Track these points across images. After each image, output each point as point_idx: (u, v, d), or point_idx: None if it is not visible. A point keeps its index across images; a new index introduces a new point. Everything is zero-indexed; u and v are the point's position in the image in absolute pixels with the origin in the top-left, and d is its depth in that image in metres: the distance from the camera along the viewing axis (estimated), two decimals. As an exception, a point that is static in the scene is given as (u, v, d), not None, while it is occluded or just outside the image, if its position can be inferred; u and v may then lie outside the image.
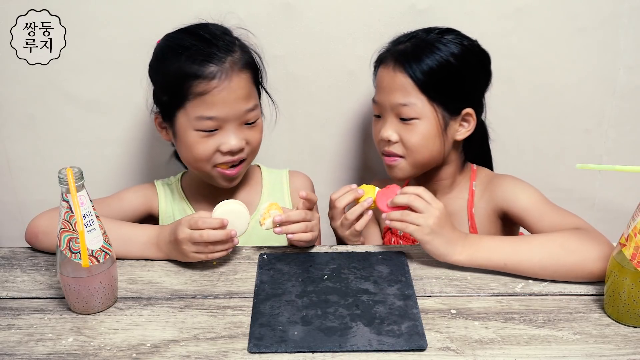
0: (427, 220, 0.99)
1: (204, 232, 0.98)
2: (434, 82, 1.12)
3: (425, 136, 1.14)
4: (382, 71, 1.18)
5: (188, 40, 1.09)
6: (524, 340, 0.85)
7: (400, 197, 1.02)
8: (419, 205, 1.00)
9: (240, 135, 1.11)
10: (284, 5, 1.32)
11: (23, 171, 1.46)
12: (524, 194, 1.13)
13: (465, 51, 1.14)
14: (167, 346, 0.85)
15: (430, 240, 0.99)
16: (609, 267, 0.89)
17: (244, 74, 1.10)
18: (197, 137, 1.09)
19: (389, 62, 1.16)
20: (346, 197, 1.09)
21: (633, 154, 1.47)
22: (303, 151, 1.46)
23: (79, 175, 0.86)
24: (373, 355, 0.83)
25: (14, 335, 0.87)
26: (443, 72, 1.13)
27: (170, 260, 1.05)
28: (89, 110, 1.40)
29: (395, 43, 1.19)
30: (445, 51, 1.13)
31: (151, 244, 1.05)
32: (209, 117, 1.07)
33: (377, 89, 1.20)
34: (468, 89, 1.17)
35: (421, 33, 1.18)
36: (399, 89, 1.14)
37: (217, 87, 1.06)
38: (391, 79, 1.15)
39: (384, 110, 1.17)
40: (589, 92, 1.41)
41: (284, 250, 1.08)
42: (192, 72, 1.06)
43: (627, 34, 1.35)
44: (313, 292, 0.95)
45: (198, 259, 1.01)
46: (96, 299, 0.91)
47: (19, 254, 1.08)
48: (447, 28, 1.18)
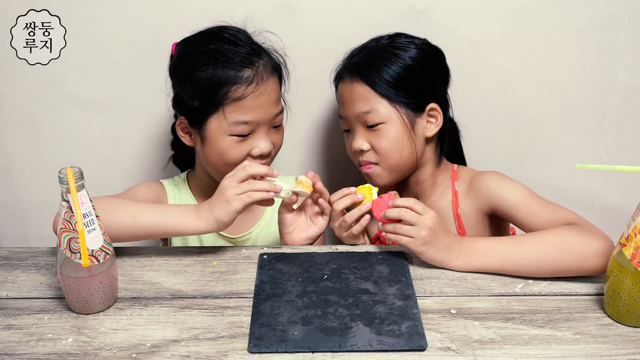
0: (419, 232, 0.99)
1: (247, 166, 1.00)
2: (393, 84, 1.15)
3: (394, 138, 1.16)
4: (341, 86, 1.21)
5: (216, 44, 1.09)
6: (524, 340, 0.85)
7: (391, 211, 1.03)
8: (410, 218, 1.00)
9: (269, 138, 1.13)
10: (284, 5, 1.32)
11: (23, 171, 1.46)
12: (511, 190, 1.12)
13: (418, 51, 1.17)
14: (167, 346, 0.85)
15: (424, 251, 1.00)
16: (609, 267, 0.89)
17: (273, 78, 1.13)
18: (231, 142, 1.10)
19: (345, 76, 1.20)
20: (344, 201, 1.09)
21: (633, 154, 1.47)
22: (303, 151, 1.46)
23: (79, 175, 0.86)
24: (373, 355, 0.83)
25: (14, 335, 0.87)
26: (400, 74, 1.15)
27: (171, 260, 1.05)
28: (89, 110, 1.40)
29: (349, 58, 1.23)
30: (398, 54, 1.16)
31: (190, 211, 1.02)
32: (245, 121, 1.09)
33: (341, 105, 1.23)
34: (427, 85, 1.18)
35: (371, 42, 1.21)
36: (359, 99, 1.16)
37: (254, 91, 1.08)
38: (350, 91, 1.18)
39: (351, 123, 1.20)
40: (589, 92, 1.41)
41: (284, 250, 1.08)
42: (228, 77, 1.07)
43: (627, 34, 1.35)
44: (313, 292, 0.95)
45: (241, 203, 0.98)
46: (96, 299, 0.91)
47: (19, 254, 1.08)
48: (395, 33, 1.21)
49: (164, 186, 1.25)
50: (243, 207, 0.99)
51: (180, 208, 1.04)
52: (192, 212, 1.02)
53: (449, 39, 1.27)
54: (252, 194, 0.99)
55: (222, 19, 1.17)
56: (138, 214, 1.00)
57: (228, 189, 0.99)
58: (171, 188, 1.25)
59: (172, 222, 1.02)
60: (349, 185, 1.52)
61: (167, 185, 1.25)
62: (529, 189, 1.12)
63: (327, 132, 1.45)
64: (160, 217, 1.02)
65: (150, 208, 1.03)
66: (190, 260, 1.06)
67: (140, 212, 1.01)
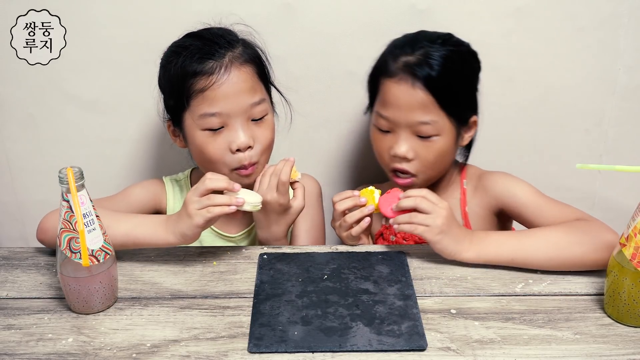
0: (435, 220, 0.99)
1: (207, 179, 0.98)
2: (452, 95, 1.10)
3: (442, 152, 1.13)
4: (395, 86, 1.10)
5: (189, 41, 1.10)
6: (524, 340, 0.85)
7: (406, 201, 1.02)
8: (426, 206, 1.00)
9: (247, 132, 1.09)
10: (284, 5, 1.32)
11: (23, 171, 1.46)
12: (520, 189, 1.13)
13: (469, 57, 1.14)
14: (167, 346, 0.85)
15: (440, 240, 0.99)
16: (609, 267, 0.89)
17: (245, 68, 1.09)
18: (205, 137, 1.09)
19: (403, 77, 1.10)
20: (346, 203, 1.09)
21: (633, 154, 1.47)
22: (303, 151, 1.46)
23: (79, 175, 0.86)
24: (373, 355, 0.83)
25: (14, 335, 0.87)
26: (459, 83, 1.11)
27: (171, 260, 1.05)
28: (89, 110, 1.40)
29: (400, 52, 1.12)
30: (457, 62, 1.11)
31: (159, 223, 1.02)
32: (212, 113, 1.07)
33: (389, 104, 1.12)
34: (474, 95, 1.16)
35: (426, 42, 1.11)
36: (419, 107, 1.09)
37: (217, 81, 1.06)
38: (409, 96, 1.09)
39: (396, 127, 1.12)
40: (589, 92, 1.41)
41: (284, 250, 1.08)
42: (191, 69, 1.06)
43: (627, 34, 1.35)
44: (313, 292, 0.95)
45: (202, 218, 0.96)
46: (96, 298, 0.91)
47: (19, 254, 1.08)
48: (446, 33, 1.16)
49: (164, 184, 1.25)
50: (205, 222, 0.97)
51: (153, 220, 1.03)
52: (161, 225, 1.01)
53: (449, 39, 1.27)
54: (212, 208, 0.97)
55: (221, 20, 1.17)
56: (111, 225, 0.98)
57: (190, 203, 0.98)
58: (172, 186, 1.25)
59: (143, 235, 1.01)
60: (349, 184, 1.53)
61: (168, 183, 1.25)
62: (536, 188, 1.13)
63: (327, 132, 1.45)
64: (132, 228, 1.01)
65: (124, 219, 1.02)
66: (190, 260, 1.06)
67: (114, 223, 1.00)
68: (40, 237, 1.08)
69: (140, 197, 1.20)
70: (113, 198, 1.18)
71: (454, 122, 1.12)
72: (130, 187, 1.23)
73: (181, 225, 0.99)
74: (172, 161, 1.44)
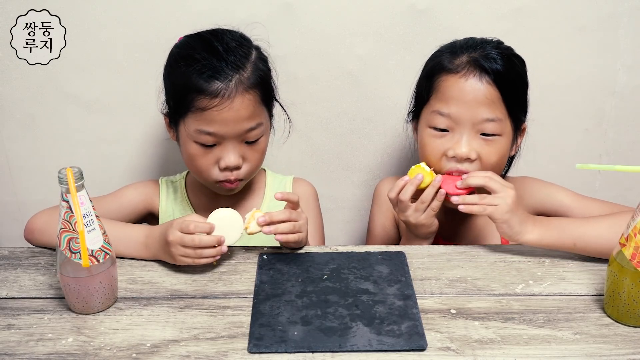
0: (505, 199, 1.00)
1: (195, 237, 0.97)
2: (515, 93, 1.10)
3: (503, 154, 1.11)
4: (460, 81, 1.07)
5: (199, 51, 1.07)
6: (524, 340, 0.85)
7: (474, 179, 1.03)
8: (495, 186, 1.01)
9: (239, 152, 1.10)
10: (284, 5, 1.32)
11: (23, 171, 1.46)
12: (560, 194, 1.16)
13: (522, 60, 1.14)
14: (167, 346, 0.85)
15: (508, 219, 1.00)
16: (609, 267, 0.89)
17: (249, 94, 1.08)
18: (196, 149, 1.09)
19: (469, 70, 1.07)
20: (408, 190, 1.07)
21: (633, 154, 1.47)
22: (303, 151, 1.46)
23: (78, 175, 0.86)
24: (373, 355, 0.83)
25: (14, 335, 0.87)
26: (519, 82, 1.11)
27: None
28: (89, 110, 1.40)
29: (459, 51, 1.10)
30: (516, 62, 1.11)
31: (140, 243, 1.04)
32: (208, 132, 1.07)
33: (450, 101, 1.08)
34: (527, 99, 1.16)
35: (482, 43, 1.11)
36: (486, 103, 1.06)
37: (218, 105, 1.05)
38: (477, 91, 1.06)
39: (458, 125, 1.08)
40: (589, 92, 1.41)
41: (283, 251, 1.08)
42: (196, 85, 1.05)
43: (627, 34, 1.35)
44: (313, 292, 0.95)
45: (184, 263, 0.99)
46: (96, 299, 0.91)
47: (19, 254, 1.08)
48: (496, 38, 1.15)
49: (158, 186, 1.25)
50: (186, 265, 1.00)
51: (132, 237, 1.04)
52: (141, 244, 1.04)
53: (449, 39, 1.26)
54: (197, 260, 0.98)
55: (222, 20, 1.17)
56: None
57: (173, 247, 0.98)
58: (166, 188, 1.25)
59: (123, 250, 1.03)
60: (347, 185, 1.53)
61: (163, 185, 1.25)
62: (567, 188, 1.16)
63: (327, 132, 1.45)
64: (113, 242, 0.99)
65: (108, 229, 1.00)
66: (190, 260, 1.06)
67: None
68: (28, 237, 1.09)
69: (132, 198, 1.21)
70: (105, 198, 1.18)
71: (512, 124, 1.11)
72: (123, 188, 1.23)
73: (162, 257, 1.02)
74: (172, 161, 1.44)
